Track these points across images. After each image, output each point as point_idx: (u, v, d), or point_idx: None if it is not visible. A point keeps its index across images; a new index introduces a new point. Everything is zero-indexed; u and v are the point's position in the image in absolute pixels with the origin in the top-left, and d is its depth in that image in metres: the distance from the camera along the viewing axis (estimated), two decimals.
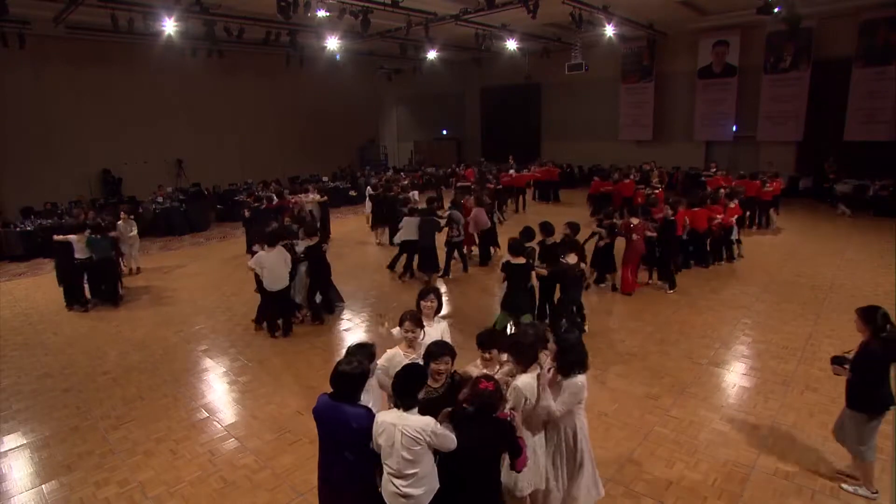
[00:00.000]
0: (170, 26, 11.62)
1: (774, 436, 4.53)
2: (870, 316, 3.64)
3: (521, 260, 5.96)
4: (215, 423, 5.08)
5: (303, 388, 5.68)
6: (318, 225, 11.11)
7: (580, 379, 3.18)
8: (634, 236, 8.04)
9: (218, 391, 5.77)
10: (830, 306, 7.49)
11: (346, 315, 7.87)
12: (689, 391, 5.34)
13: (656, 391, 5.35)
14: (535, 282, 6.43)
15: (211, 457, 4.53)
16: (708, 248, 9.63)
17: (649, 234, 8.23)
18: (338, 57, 17.50)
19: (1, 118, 14.00)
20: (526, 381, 3.17)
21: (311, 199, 12.26)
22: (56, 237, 8.57)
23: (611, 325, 7.19)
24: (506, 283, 6.05)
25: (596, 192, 13.83)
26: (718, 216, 9.30)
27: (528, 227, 6.93)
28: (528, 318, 5.84)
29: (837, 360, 3.88)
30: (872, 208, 13.74)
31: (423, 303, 4.16)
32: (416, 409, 2.77)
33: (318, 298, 7.66)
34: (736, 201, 9.95)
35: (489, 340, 3.51)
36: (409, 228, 9.33)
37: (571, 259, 6.21)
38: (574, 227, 6.89)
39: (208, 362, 6.46)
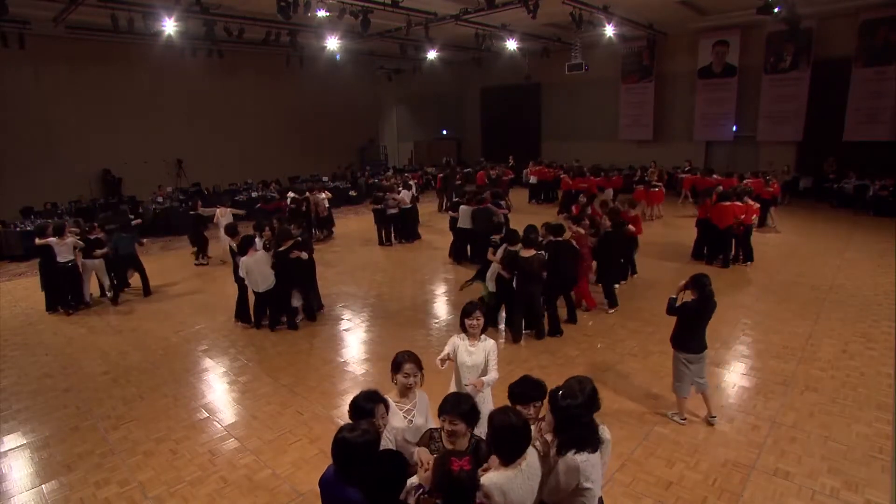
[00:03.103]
0: (170, 26, 11.64)
1: (774, 436, 4.53)
2: (698, 282, 4.63)
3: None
4: (215, 423, 5.08)
5: (303, 388, 5.68)
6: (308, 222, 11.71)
7: (577, 459, 2.48)
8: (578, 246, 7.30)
9: (218, 391, 5.77)
10: (830, 306, 7.49)
11: (346, 315, 7.87)
12: None
13: (656, 391, 5.35)
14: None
15: (211, 457, 4.53)
16: (733, 247, 9.64)
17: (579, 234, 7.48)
18: (338, 57, 17.51)
19: (1, 118, 13.99)
20: (497, 479, 2.35)
21: (324, 196, 13.11)
22: (38, 241, 8.20)
23: (611, 325, 7.20)
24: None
25: (567, 190, 14.58)
26: (742, 215, 9.29)
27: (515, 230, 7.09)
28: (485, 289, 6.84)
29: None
30: (872, 208, 13.74)
31: (467, 321, 3.76)
32: None
33: (300, 304, 7.55)
34: (758, 205, 10.09)
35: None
36: (464, 217, 9.93)
37: (526, 253, 6.34)
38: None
39: (208, 362, 6.46)
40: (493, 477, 2.34)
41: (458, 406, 2.60)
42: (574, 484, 2.50)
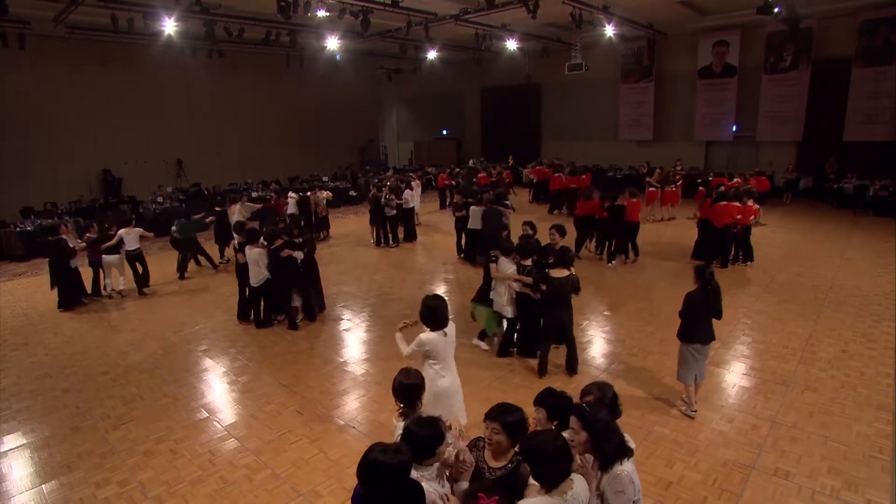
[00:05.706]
0: (170, 26, 11.65)
1: (774, 436, 4.53)
2: (700, 272, 4.74)
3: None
4: (215, 423, 5.08)
5: (303, 388, 5.68)
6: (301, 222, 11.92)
7: (626, 469, 2.42)
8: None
9: (218, 391, 5.77)
10: (830, 306, 7.49)
11: (346, 315, 7.87)
12: None
13: (656, 391, 5.34)
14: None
15: (211, 457, 4.53)
16: (732, 248, 9.60)
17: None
18: (338, 57, 17.53)
19: (1, 118, 14.00)
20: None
21: (324, 195, 13.29)
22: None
23: (610, 325, 7.20)
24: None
25: (557, 189, 15.08)
26: (738, 215, 9.27)
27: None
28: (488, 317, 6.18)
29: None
30: (872, 208, 13.74)
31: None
32: None
33: (298, 303, 7.55)
34: (757, 206, 10.08)
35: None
36: (474, 218, 10.02)
37: (558, 273, 5.64)
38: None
39: (208, 362, 6.46)
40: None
41: (504, 415, 2.51)
42: (632, 497, 2.39)
